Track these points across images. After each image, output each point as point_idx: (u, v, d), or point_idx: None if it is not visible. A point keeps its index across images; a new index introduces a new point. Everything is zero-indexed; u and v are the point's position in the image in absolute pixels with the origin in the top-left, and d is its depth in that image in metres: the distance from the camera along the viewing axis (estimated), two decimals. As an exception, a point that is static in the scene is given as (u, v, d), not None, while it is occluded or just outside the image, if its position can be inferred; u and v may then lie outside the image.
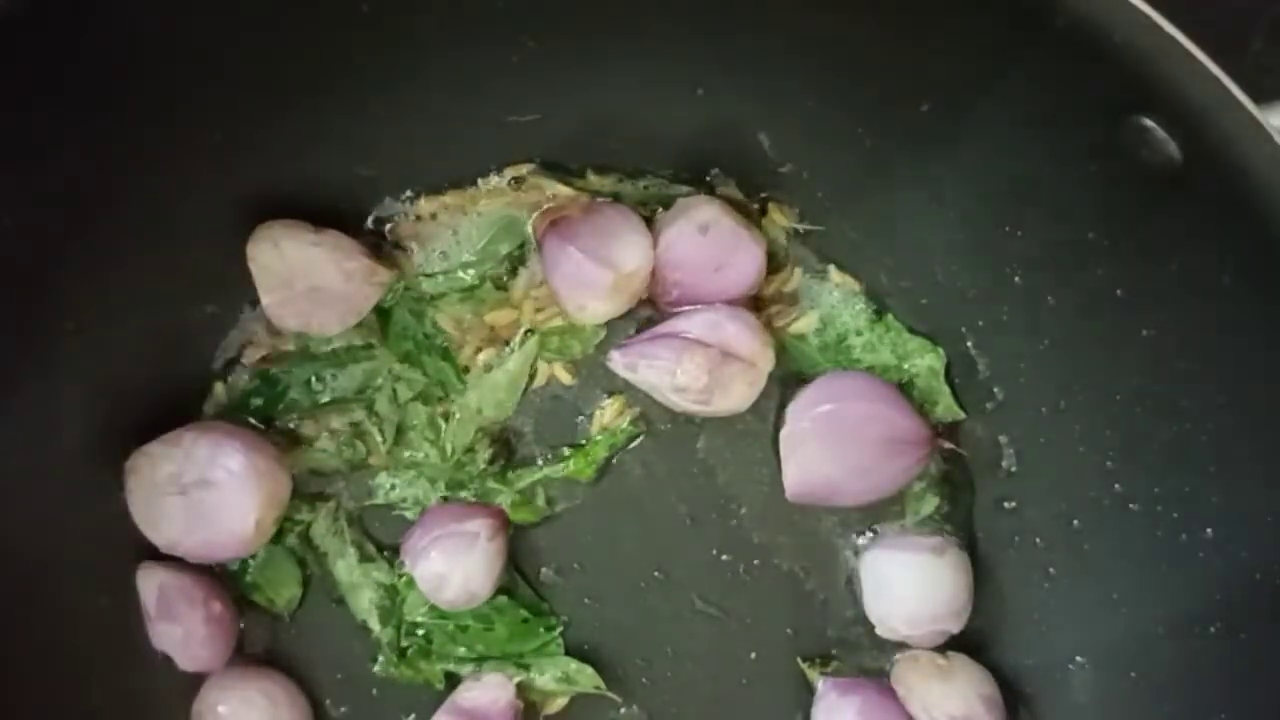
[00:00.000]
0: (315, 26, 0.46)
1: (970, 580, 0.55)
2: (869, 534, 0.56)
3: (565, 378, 0.57)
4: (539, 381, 0.57)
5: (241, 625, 0.56)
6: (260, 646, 0.57)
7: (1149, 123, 0.39)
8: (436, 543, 0.54)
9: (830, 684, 0.55)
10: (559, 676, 0.56)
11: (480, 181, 0.57)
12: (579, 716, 0.57)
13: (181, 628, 0.54)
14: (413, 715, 0.57)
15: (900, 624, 0.54)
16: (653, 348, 0.54)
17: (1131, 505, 0.49)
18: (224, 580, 0.56)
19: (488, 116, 0.53)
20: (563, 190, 0.56)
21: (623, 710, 0.57)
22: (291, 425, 0.57)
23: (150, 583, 0.54)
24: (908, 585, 0.54)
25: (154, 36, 0.43)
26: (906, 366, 0.56)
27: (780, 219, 0.57)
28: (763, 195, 0.56)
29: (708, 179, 0.56)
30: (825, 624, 0.57)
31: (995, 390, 0.54)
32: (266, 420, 0.56)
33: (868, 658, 0.57)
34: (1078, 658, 0.52)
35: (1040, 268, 0.49)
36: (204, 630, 0.54)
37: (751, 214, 0.56)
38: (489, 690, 0.55)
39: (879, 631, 0.55)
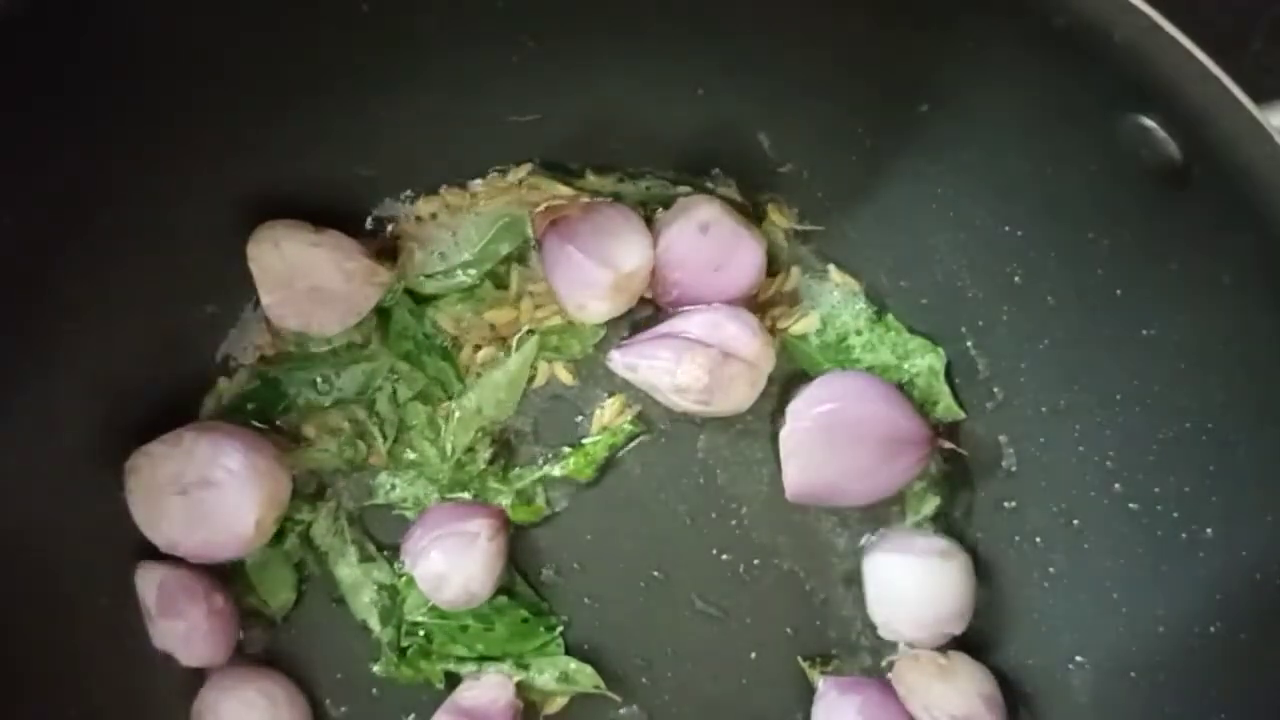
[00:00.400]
0: (315, 26, 0.46)
1: (974, 583, 0.54)
2: (872, 536, 0.56)
3: (565, 377, 0.57)
4: (539, 381, 0.57)
5: (241, 627, 0.56)
6: (259, 647, 0.57)
7: (1149, 123, 0.39)
8: (436, 543, 0.54)
9: (830, 683, 0.55)
10: (559, 676, 0.56)
11: (480, 181, 0.57)
12: (579, 716, 0.57)
13: (184, 623, 0.53)
14: (413, 715, 0.57)
15: (904, 627, 0.54)
16: (653, 348, 0.54)
17: (1131, 505, 0.49)
18: (224, 576, 0.56)
19: (488, 116, 0.53)
20: (563, 190, 0.56)
21: (623, 710, 0.57)
22: (291, 425, 0.57)
23: (150, 580, 0.54)
24: (912, 589, 0.54)
25: (154, 36, 0.43)
26: (906, 366, 0.56)
27: (780, 220, 0.57)
28: (763, 196, 0.56)
29: (708, 179, 0.56)
30: (825, 624, 0.57)
31: (995, 390, 0.54)
32: (266, 420, 0.56)
33: (868, 657, 0.57)
34: (1078, 658, 0.52)
35: (1040, 268, 0.49)
36: (206, 624, 0.54)
37: (751, 214, 0.56)
38: (489, 690, 0.55)
39: (881, 633, 0.55)
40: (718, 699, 0.57)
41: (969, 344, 0.55)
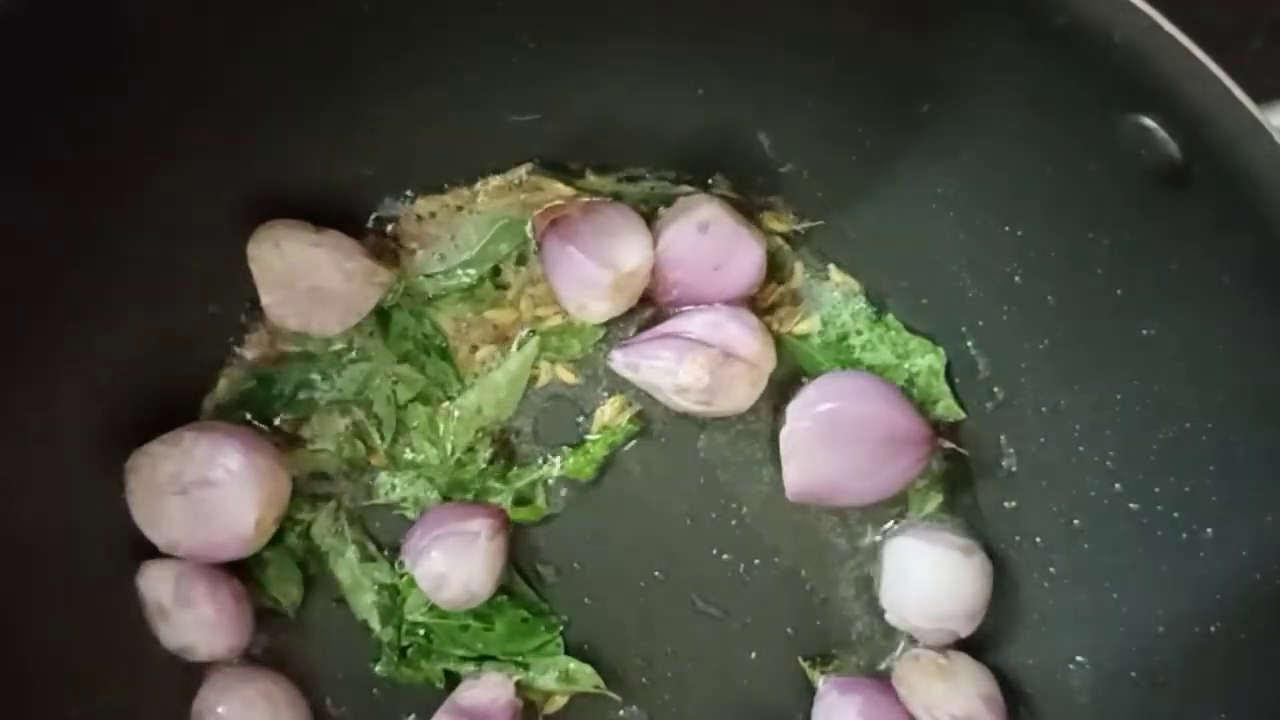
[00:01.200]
0: (315, 27, 0.46)
1: (989, 589, 0.54)
2: (894, 523, 0.56)
3: (567, 377, 0.57)
4: (539, 381, 0.57)
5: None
6: (260, 647, 0.57)
7: (1149, 123, 0.39)
8: (437, 542, 0.54)
9: (831, 683, 0.55)
10: (559, 676, 0.56)
11: (480, 181, 0.57)
12: (579, 716, 0.57)
13: (208, 609, 0.53)
14: (413, 715, 0.57)
15: (913, 614, 0.54)
16: (654, 348, 0.54)
17: (1131, 505, 0.49)
18: (232, 571, 0.56)
19: (488, 116, 0.53)
20: (563, 190, 0.56)
21: (622, 710, 0.57)
22: (291, 425, 0.57)
23: (164, 575, 0.53)
24: (928, 578, 0.54)
25: (154, 36, 0.43)
26: (906, 366, 0.56)
27: (779, 225, 0.57)
28: (762, 199, 0.56)
29: (708, 179, 0.56)
30: (825, 624, 0.57)
31: (995, 390, 0.54)
32: (266, 420, 0.56)
33: (868, 657, 0.57)
34: (1078, 658, 0.52)
35: (1040, 268, 0.49)
36: (232, 607, 0.54)
37: (751, 214, 0.56)
38: (489, 689, 0.55)
39: (888, 618, 0.55)
40: (718, 699, 0.57)
41: (969, 344, 0.55)
